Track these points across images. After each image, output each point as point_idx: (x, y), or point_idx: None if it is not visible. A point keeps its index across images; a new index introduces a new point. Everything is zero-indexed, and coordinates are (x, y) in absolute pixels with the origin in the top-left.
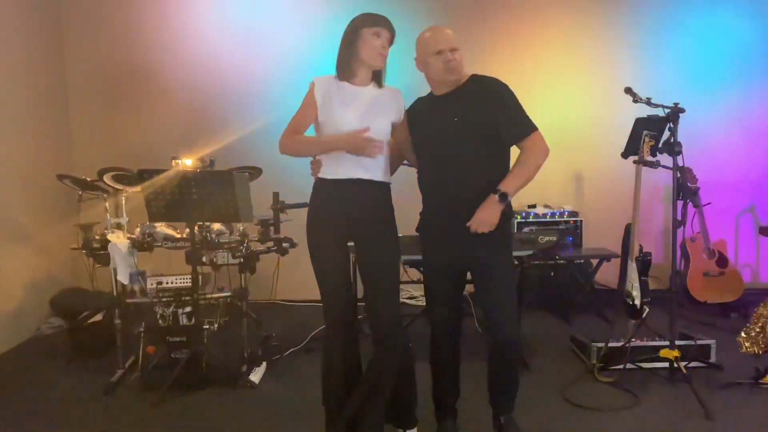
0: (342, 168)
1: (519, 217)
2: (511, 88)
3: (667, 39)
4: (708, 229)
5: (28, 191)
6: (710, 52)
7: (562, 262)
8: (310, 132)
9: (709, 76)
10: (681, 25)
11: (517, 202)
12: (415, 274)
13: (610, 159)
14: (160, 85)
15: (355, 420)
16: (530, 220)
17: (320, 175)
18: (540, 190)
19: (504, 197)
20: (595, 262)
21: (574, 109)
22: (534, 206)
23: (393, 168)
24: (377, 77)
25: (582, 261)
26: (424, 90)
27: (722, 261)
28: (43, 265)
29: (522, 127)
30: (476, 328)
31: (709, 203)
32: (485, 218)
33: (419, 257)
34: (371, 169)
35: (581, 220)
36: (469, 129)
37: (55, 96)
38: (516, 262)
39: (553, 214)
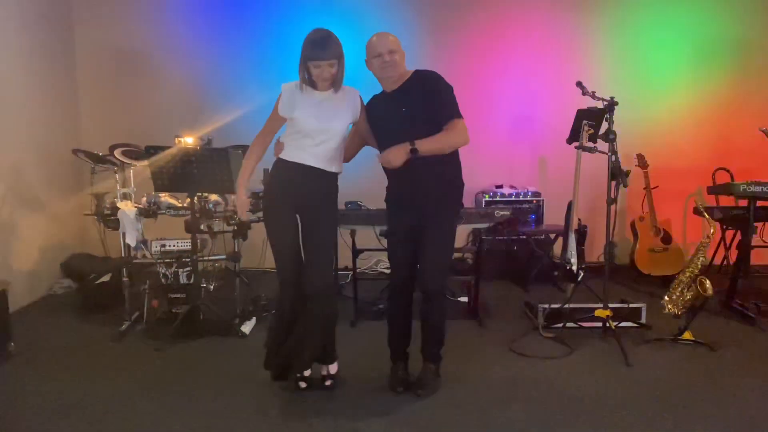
0: (298, 154)
1: (487, 196)
2: (483, 81)
3: (622, 38)
4: (656, 209)
5: (41, 165)
6: (661, 48)
7: (523, 237)
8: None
9: (662, 70)
10: (636, 24)
11: (486, 182)
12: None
13: (570, 145)
14: (163, 69)
15: (289, 358)
16: (497, 198)
17: (281, 156)
18: (507, 172)
19: (414, 150)
20: (553, 237)
21: (539, 100)
22: (501, 186)
23: (352, 152)
24: (336, 84)
25: (542, 237)
26: None
27: (667, 238)
28: (55, 231)
29: (449, 112)
30: None
31: (656, 187)
32: (389, 155)
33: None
34: (322, 160)
35: (543, 200)
36: (416, 117)
37: (65, 77)
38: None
39: (518, 194)
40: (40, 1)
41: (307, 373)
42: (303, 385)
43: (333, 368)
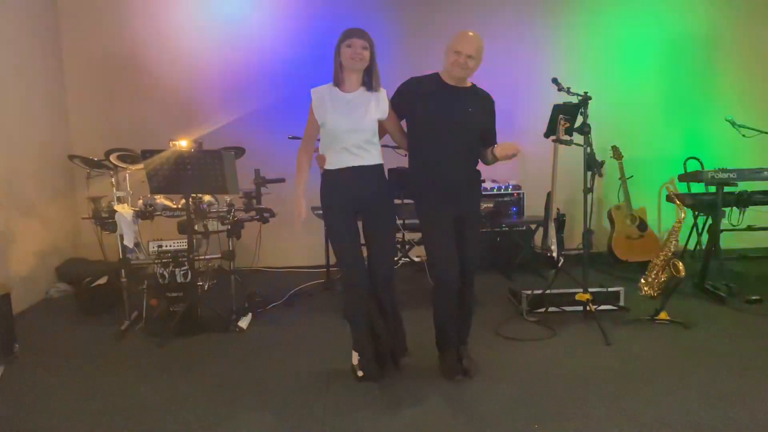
0: (340, 159)
1: None
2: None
3: (595, 36)
4: (631, 198)
5: (34, 171)
6: (633, 45)
7: (505, 229)
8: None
9: (634, 66)
10: (608, 23)
11: None
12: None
13: (549, 140)
14: (152, 76)
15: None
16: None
17: (326, 167)
18: (489, 167)
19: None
20: (534, 227)
21: (517, 97)
22: (484, 181)
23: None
24: (366, 82)
25: (523, 228)
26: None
27: (642, 225)
28: (49, 236)
29: (494, 139)
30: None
31: (631, 176)
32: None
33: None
34: (362, 155)
35: (524, 193)
36: (476, 122)
37: (54, 84)
38: None
39: (500, 188)
40: (28, 7)
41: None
42: (360, 374)
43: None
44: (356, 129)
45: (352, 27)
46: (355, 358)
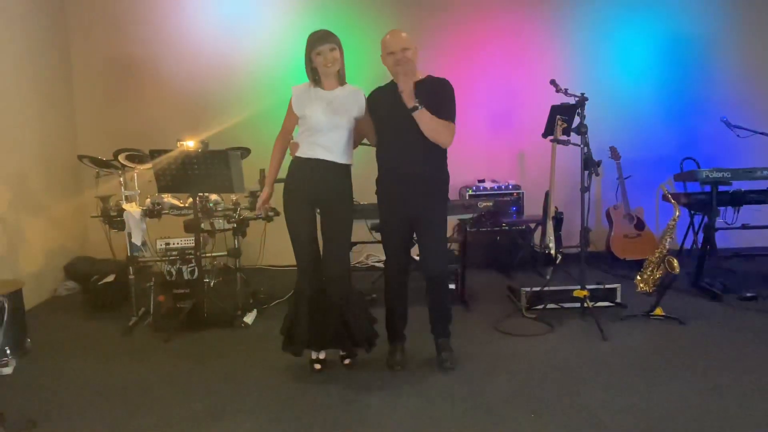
0: (311, 149)
1: (470, 190)
2: (462, 82)
3: (592, 38)
4: (629, 198)
5: (43, 171)
6: (630, 46)
7: (505, 228)
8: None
9: (630, 68)
10: (605, 25)
11: (469, 177)
12: (378, 236)
13: (547, 140)
14: (160, 77)
15: (309, 338)
16: (480, 192)
17: (297, 154)
18: (488, 166)
19: (414, 109)
20: (533, 226)
21: (516, 98)
22: (483, 181)
23: (354, 145)
24: (341, 79)
25: (523, 227)
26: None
27: (640, 225)
28: (57, 235)
29: (446, 114)
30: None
31: (629, 176)
32: (406, 78)
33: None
34: (333, 152)
35: (523, 192)
36: None
37: (63, 85)
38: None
39: (499, 187)
40: (36, 9)
41: (322, 355)
42: (317, 366)
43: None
44: (335, 126)
45: (316, 32)
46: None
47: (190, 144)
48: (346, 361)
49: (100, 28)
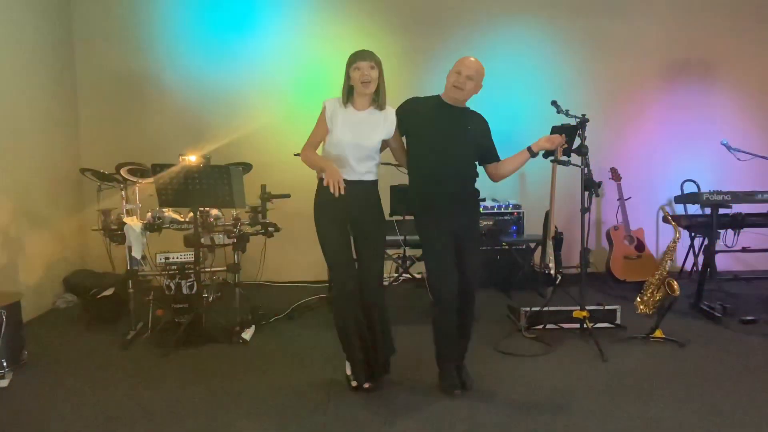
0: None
1: None
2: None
3: (594, 60)
4: (629, 219)
5: (45, 184)
6: (631, 69)
7: (505, 247)
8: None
9: (631, 90)
10: (607, 46)
11: None
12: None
13: (547, 160)
14: (162, 93)
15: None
16: (481, 211)
17: (323, 176)
18: (489, 185)
19: (531, 151)
20: (533, 246)
21: (517, 119)
22: (483, 200)
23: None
24: (375, 101)
25: (523, 246)
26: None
27: (640, 246)
28: (58, 248)
29: (496, 155)
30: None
31: (629, 198)
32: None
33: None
34: (358, 172)
35: (523, 212)
36: (474, 139)
37: (67, 100)
38: None
39: (500, 206)
40: (41, 23)
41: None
42: (354, 384)
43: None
44: (360, 145)
45: (359, 50)
46: (348, 368)
47: (192, 159)
48: (366, 385)
49: (105, 42)
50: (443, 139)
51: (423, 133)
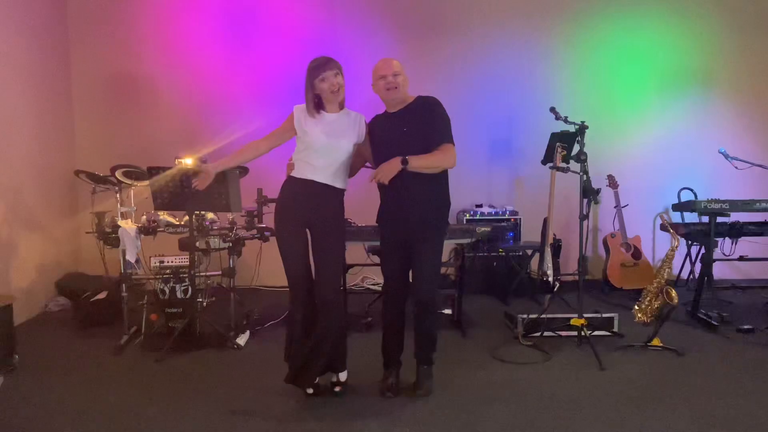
0: (307, 170)
1: (468, 215)
2: (463, 106)
3: (592, 66)
4: (626, 226)
5: (39, 186)
6: (629, 77)
7: (502, 253)
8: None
9: (630, 97)
10: (606, 54)
11: (467, 202)
12: (375, 258)
13: (545, 167)
14: (158, 95)
15: (305, 366)
16: (477, 217)
17: (292, 174)
18: (486, 192)
19: (405, 162)
20: (530, 252)
21: (516, 125)
22: (481, 206)
23: (355, 170)
24: (341, 104)
25: (520, 253)
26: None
27: (637, 254)
28: (51, 250)
29: (442, 136)
30: None
31: (626, 205)
32: (384, 169)
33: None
34: (328, 175)
35: (520, 218)
36: (414, 137)
37: (61, 101)
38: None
39: (497, 213)
40: (37, 24)
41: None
42: (310, 391)
43: (343, 376)
44: (333, 148)
45: (318, 59)
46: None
47: (188, 161)
48: (337, 388)
49: (101, 44)
50: (384, 149)
51: (378, 149)
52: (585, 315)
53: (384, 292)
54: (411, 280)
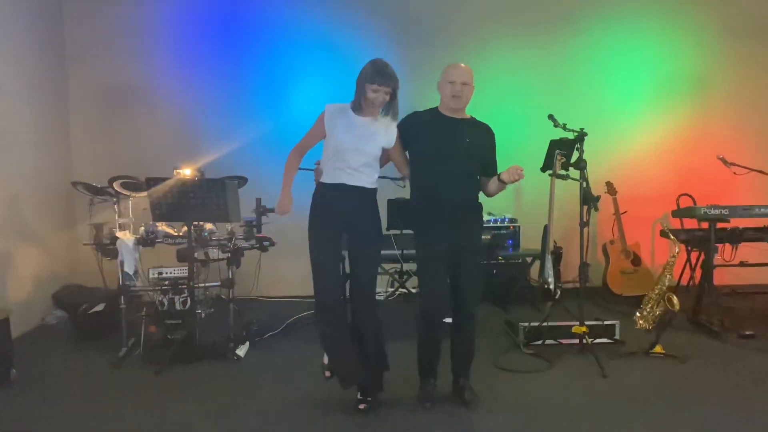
0: (336, 175)
1: None
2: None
3: (590, 74)
4: (625, 233)
5: (35, 198)
6: (627, 84)
7: (501, 261)
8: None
9: (628, 104)
10: (603, 60)
11: None
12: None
13: (544, 174)
14: (155, 105)
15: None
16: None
17: (321, 180)
18: (484, 199)
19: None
20: (530, 260)
21: (513, 132)
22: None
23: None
24: (384, 110)
25: (519, 260)
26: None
27: (636, 260)
28: (47, 262)
29: (495, 169)
30: None
31: (625, 212)
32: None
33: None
34: (359, 178)
35: (519, 226)
36: (475, 152)
37: (58, 112)
38: None
39: (495, 220)
40: (33, 36)
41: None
42: (362, 407)
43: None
44: (359, 150)
45: (381, 68)
46: (326, 358)
47: (187, 172)
48: (361, 406)
49: (97, 54)
50: (440, 152)
51: (421, 147)
52: (586, 322)
53: (426, 303)
54: (453, 293)
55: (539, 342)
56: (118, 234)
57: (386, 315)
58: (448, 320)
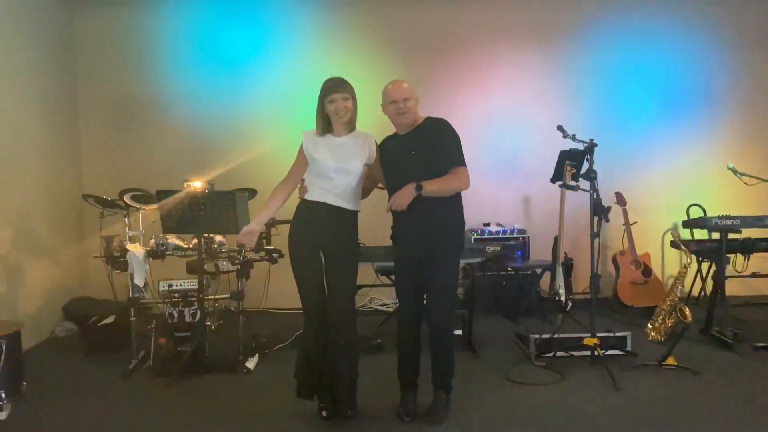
0: (319, 194)
1: (476, 234)
2: (469, 125)
3: (599, 86)
4: (635, 244)
5: (46, 211)
6: (636, 95)
7: (511, 272)
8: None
9: (637, 116)
10: (613, 72)
11: (474, 220)
12: (385, 279)
13: (554, 185)
14: (165, 118)
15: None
16: (485, 236)
17: (305, 197)
18: (493, 210)
19: (419, 188)
20: (539, 271)
21: (523, 143)
22: (488, 224)
23: (367, 192)
24: (350, 126)
25: (529, 272)
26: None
27: (647, 271)
28: (57, 275)
29: (454, 159)
30: None
31: (635, 222)
32: (399, 198)
33: (390, 264)
34: (341, 198)
35: (528, 237)
36: (423, 159)
37: (68, 126)
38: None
39: (504, 231)
40: (44, 48)
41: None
42: (324, 414)
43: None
44: (344, 170)
45: (332, 79)
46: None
47: (197, 184)
48: (324, 413)
49: (107, 68)
50: (394, 172)
51: (389, 171)
52: (598, 334)
53: (398, 315)
54: (425, 304)
55: (550, 354)
56: (129, 246)
57: (389, 327)
58: (458, 332)
